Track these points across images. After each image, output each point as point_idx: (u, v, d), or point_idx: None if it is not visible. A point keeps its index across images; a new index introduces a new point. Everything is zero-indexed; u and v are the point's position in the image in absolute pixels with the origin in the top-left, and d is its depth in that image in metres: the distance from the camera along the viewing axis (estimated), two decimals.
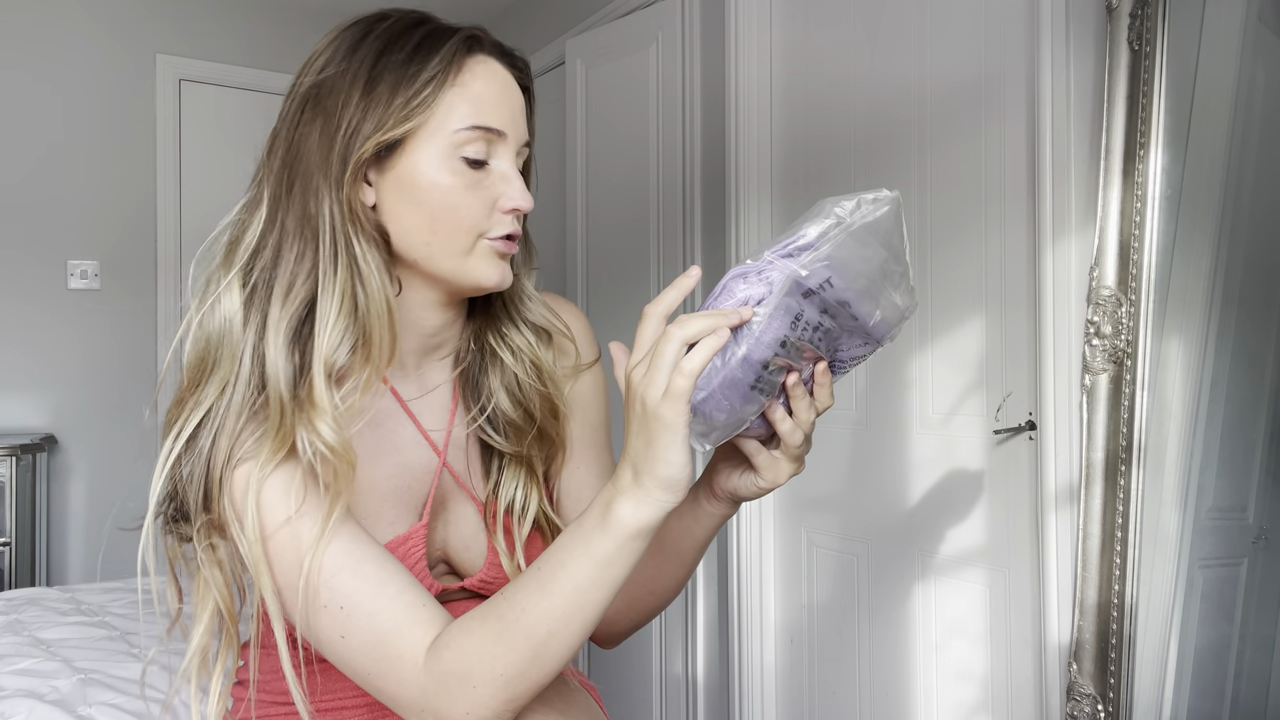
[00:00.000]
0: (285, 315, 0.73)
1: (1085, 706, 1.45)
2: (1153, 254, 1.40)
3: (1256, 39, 1.51)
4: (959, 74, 1.72)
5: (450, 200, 0.74)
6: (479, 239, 0.76)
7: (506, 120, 0.77)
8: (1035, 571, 1.57)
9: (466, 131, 0.74)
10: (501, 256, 0.78)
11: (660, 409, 0.61)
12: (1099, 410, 1.45)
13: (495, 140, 0.76)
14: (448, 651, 0.67)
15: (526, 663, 0.65)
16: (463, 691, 0.66)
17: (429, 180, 0.74)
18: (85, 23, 3.02)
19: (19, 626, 1.49)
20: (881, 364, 1.89)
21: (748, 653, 2.17)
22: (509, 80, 0.79)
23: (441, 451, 0.85)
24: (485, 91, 0.76)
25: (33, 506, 2.68)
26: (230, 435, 0.72)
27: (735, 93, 2.18)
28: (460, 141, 0.74)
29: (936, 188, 1.77)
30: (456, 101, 0.74)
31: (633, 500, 0.63)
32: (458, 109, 0.74)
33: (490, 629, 0.66)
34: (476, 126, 0.75)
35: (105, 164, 3.04)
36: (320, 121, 0.74)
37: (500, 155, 0.77)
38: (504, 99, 0.77)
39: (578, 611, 0.65)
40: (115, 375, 3.04)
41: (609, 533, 0.64)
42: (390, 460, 0.83)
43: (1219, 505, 1.55)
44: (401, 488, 0.83)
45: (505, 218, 0.77)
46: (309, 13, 3.33)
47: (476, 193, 0.75)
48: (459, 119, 0.74)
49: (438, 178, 0.74)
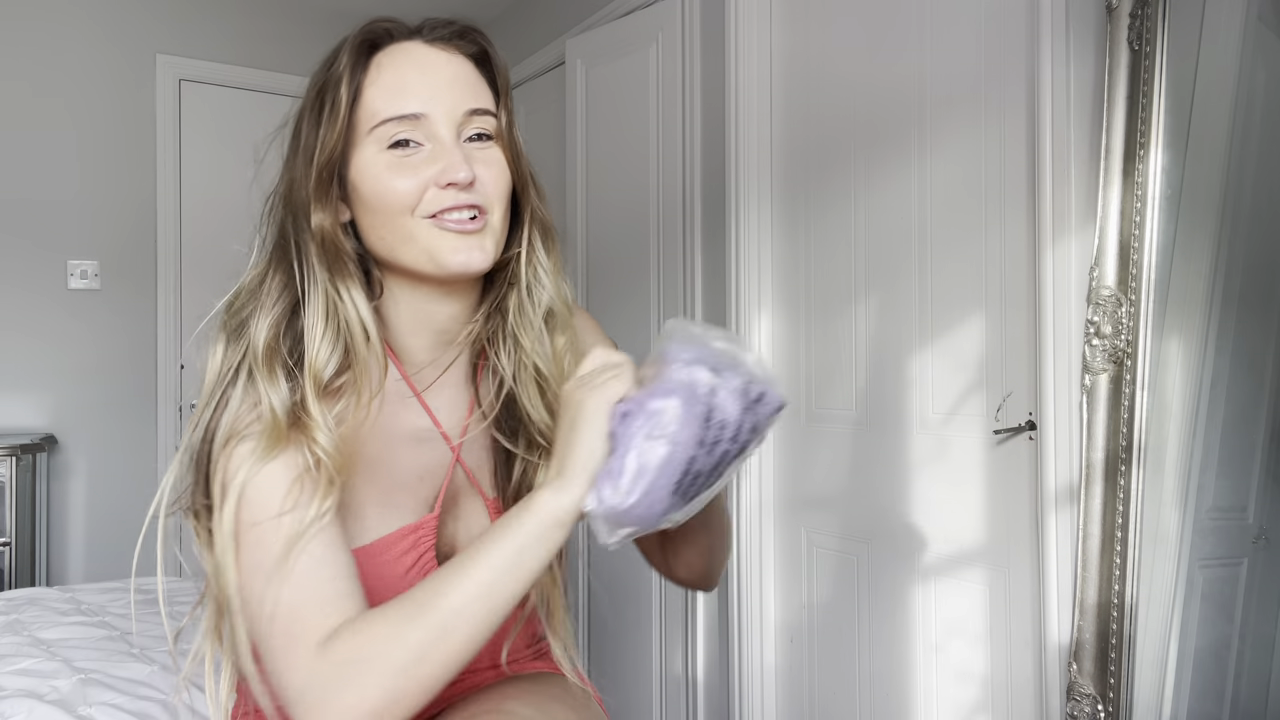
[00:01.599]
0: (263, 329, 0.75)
1: (1085, 706, 1.45)
2: (1153, 254, 1.40)
3: (1256, 39, 1.51)
4: (959, 74, 1.72)
5: (380, 188, 0.75)
6: (417, 219, 0.75)
7: (425, 100, 0.76)
8: (1035, 571, 1.57)
9: (382, 126, 0.75)
10: (460, 234, 0.76)
11: (587, 404, 0.67)
12: (1099, 410, 1.45)
13: (417, 124, 0.75)
14: (348, 634, 0.66)
15: (429, 644, 0.64)
16: (352, 679, 0.64)
17: (366, 176, 0.76)
18: (85, 23, 3.02)
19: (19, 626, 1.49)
20: (881, 364, 1.89)
21: (748, 653, 2.17)
22: (428, 55, 0.78)
23: (456, 446, 0.85)
24: (394, 79, 0.76)
25: (33, 506, 2.68)
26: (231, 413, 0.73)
27: (735, 93, 2.18)
28: (382, 137, 0.75)
29: (936, 187, 1.77)
30: (372, 99, 0.76)
31: (553, 489, 0.67)
32: (373, 106, 0.76)
33: (402, 610, 0.66)
34: (389, 118, 0.75)
35: (105, 164, 3.04)
36: (292, 154, 0.79)
37: (432, 136, 0.76)
38: (420, 78, 0.76)
39: (488, 594, 0.66)
40: (115, 375, 3.04)
41: (529, 519, 0.66)
42: (405, 450, 0.83)
43: (1219, 505, 1.55)
44: (413, 478, 0.83)
45: (442, 194, 0.75)
46: (309, 13, 3.33)
47: (410, 174, 0.75)
48: (374, 115, 0.76)
49: (370, 171, 0.76)
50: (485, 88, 0.80)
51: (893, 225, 1.86)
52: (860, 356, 1.95)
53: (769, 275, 2.16)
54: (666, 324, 0.70)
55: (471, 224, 0.76)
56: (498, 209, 0.78)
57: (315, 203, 0.76)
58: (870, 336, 1.92)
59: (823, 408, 2.04)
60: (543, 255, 0.85)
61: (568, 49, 2.74)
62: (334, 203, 0.77)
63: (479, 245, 0.77)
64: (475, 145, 0.78)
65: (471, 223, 0.76)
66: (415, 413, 0.84)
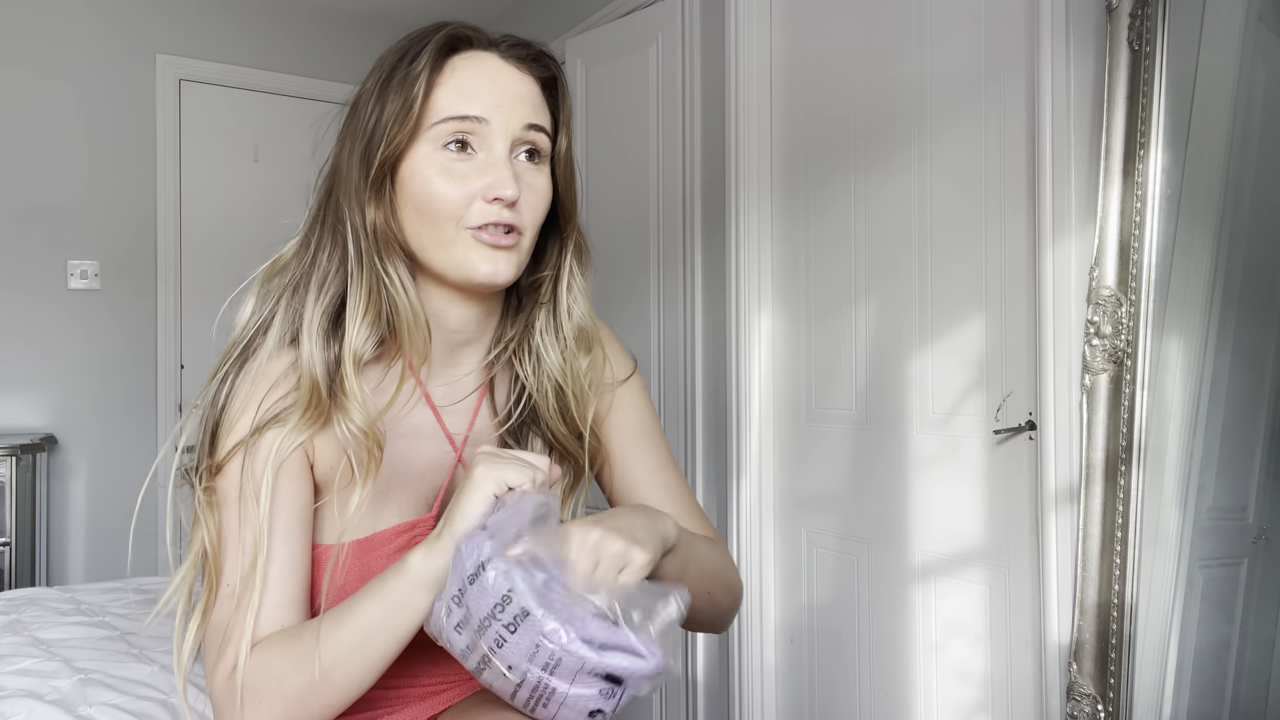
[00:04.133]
0: (319, 308, 0.78)
1: (1085, 706, 1.45)
2: (1153, 254, 1.40)
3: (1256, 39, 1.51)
4: (959, 74, 1.72)
5: (429, 190, 0.76)
6: (461, 229, 0.76)
7: (490, 107, 0.77)
8: (1035, 571, 1.57)
9: (444, 124, 0.76)
10: (493, 248, 0.77)
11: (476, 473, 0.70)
12: (1099, 410, 1.45)
13: (478, 128, 0.76)
14: (251, 662, 0.72)
15: (309, 689, 0.70)
16: (251, 705, 0.71)
17: (418, 175, 0.77)
18: (85, 23, 3.02)
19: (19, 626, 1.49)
20: (881, 364, 1.90)
21: (748, 653, 2.17)
22: (501, 69, 0.79)
23: (459, 448, 0.85)
24: (465, 83, 0.77)
25: (33, 506, 2.68)
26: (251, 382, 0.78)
27: (735, 93, 2.18)
28: (441, 134, 0.76)
29: (936, 187, 1.77)
30: (439, 97, 0.77)
31: (424, 552, 0.70)
32: (438, 104, 0.77)
33: (290, 649, 0.72)
34: (452, 117, 0.76)
35: (105, 164, 3.04)
36: (349, 135, 0.80)
37: (487, 145, 0.77)
38: (489, 87, 0.77)
39: (362, 648, 0.70)
40: (115, 375, 3.04)
41: (400, 578, 0.70)
42: (405, 445, 0.84)
43: (1219, 505, 1.55)
44: (413, 474, 0.84)
45: (488, 207, 0.76)
46: (309, 13, 3.33)
47: (459, 183, 0.76)
48: (437, 113, 0.76)
49: (423, 171, 0.77)
50: (547, 111, 0.83)
51: (893, 225, 1.86)
52: (860, 356, 1.95)
53: (769, 275, 2.16)
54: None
55: (506, 238, 0.77)
56: (529, 232, 0.80)
57: (371, 192, 0.78)
58: (870, 336, 1.92)
59: (823, 408, 2.04)
60: (579, 279, 0.89)
61: (568, 49, 2.74)
62: (387, 194, 0.79)
63: (507, 260, 0.78)
64: (525, 165, 0.80)
65: (506, 237, 0.77)
66: (421, 410, 0.85)
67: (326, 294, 0.79)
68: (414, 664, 0.83)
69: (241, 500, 0.76)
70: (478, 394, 0.88)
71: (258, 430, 0.76)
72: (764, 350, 2.16)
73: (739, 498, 2.18)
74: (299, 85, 3.26)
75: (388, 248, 0.79)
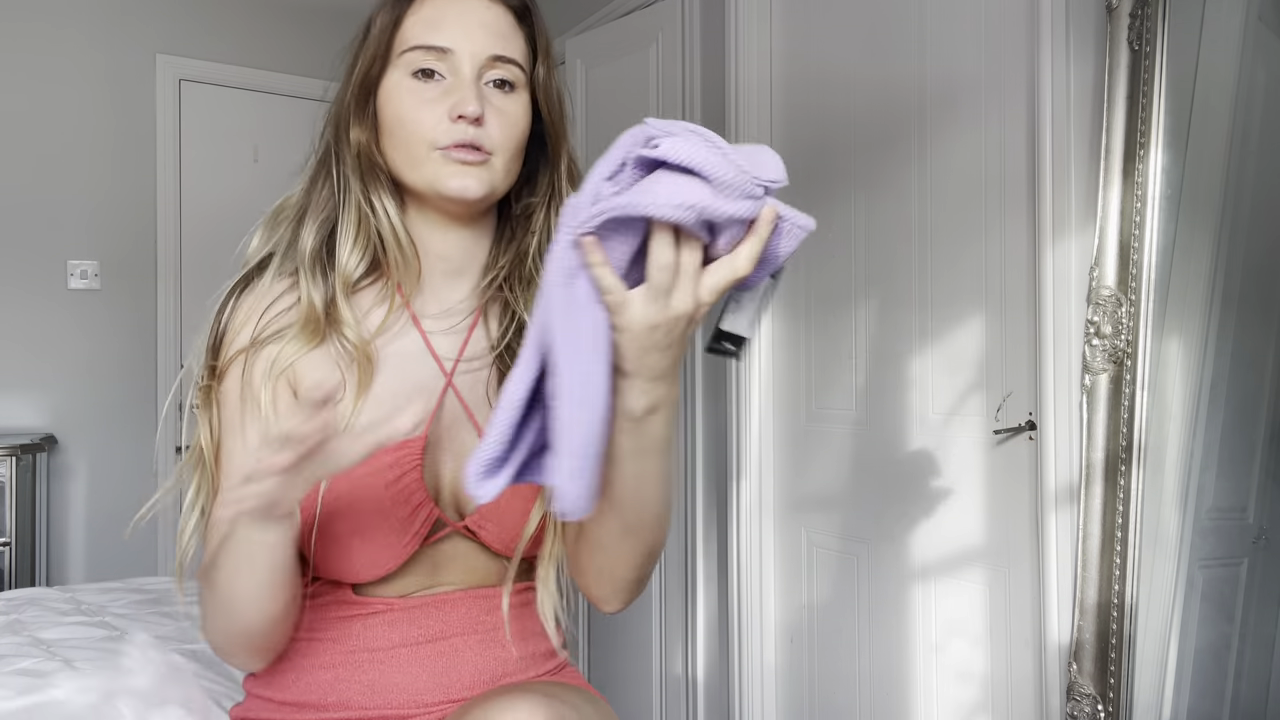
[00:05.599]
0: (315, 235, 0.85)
1: (1085, 706, 1.45)
2: (1153, 254, 1.40)
3: (1256, 39, 1.51)
4: (959, 74, 1.72)
5: (399, 114, 0.81)
6: (431, 149, 0.80)
7: (458, 36, 0.80)
8: (1035, 571, 1.57)
9: (411, 52, 0.81)
10: (461, 164, 0.80)
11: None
12: (1099, 410, 1.45)
13: (444, 56, 0.80)
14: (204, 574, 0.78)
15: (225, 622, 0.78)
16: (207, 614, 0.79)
17: (390, 100, 0.82)
18: (85, 23, 3.01)
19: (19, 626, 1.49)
20: (881, 364, 1.89)
21: (748, 653, 2.17)
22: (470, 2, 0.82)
23: (449, 372, 0.85)
24: (433, 13, 0.82)
25: (33, 506, 2.68)
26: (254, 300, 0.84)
27: (735, 93, 2.18)
28: (410, 62, 0.81)
29: (936, 188, 1.77)
30: (408, 26, 0.82)
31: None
32: (407, 33, 0.81)
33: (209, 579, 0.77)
34: (417, 46, 0.80)
35: (105, 164, 3.04)
36: (343, 69, 0.86)
37: (454, 71, 0.80)
38: (457, 17, 0.81)
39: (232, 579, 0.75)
40: (115, 375, 3.04)
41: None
42: (393, 366, 0.84)
43: (1219, 505, 1.55)
44: (401, 395, 0.82)
45: (453, 126, 0.79)
46: (309, 13, 3.32)
47: (428, 107, 0.80)
48: (404, 41, 0.81)
49: (394, 96, 0.82)
50: (520, 40, 0.84)
51: (893, 225, 1.86)
52: (860, 356, 1.95)
53: None
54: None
55: (473, 155, 0.80)
56: (501, 155, 0.82)
57: (354, 118, 0.83)
58: (870, 336, 1.92)
59: (823, 408, 2.04)
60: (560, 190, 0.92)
61: (568, 49, 2.74)
62: (370, 119, 0.84)
63: (476, 176, 0.81)
64: (495, 92, 0.82)
65: (474, 154, 0.80)
66: (410, 333, 0.86)
67: (321, 221, 0.85)
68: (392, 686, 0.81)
69: (243, 404, 0.81)
70: (470, 319, 0.88)
71: (257, 343, 0.81)
72: (764, 350, 2.16)
73: (739, 498, 2.18)
74: (299, 85, 3.25)
75: (372, 173, 0.84)
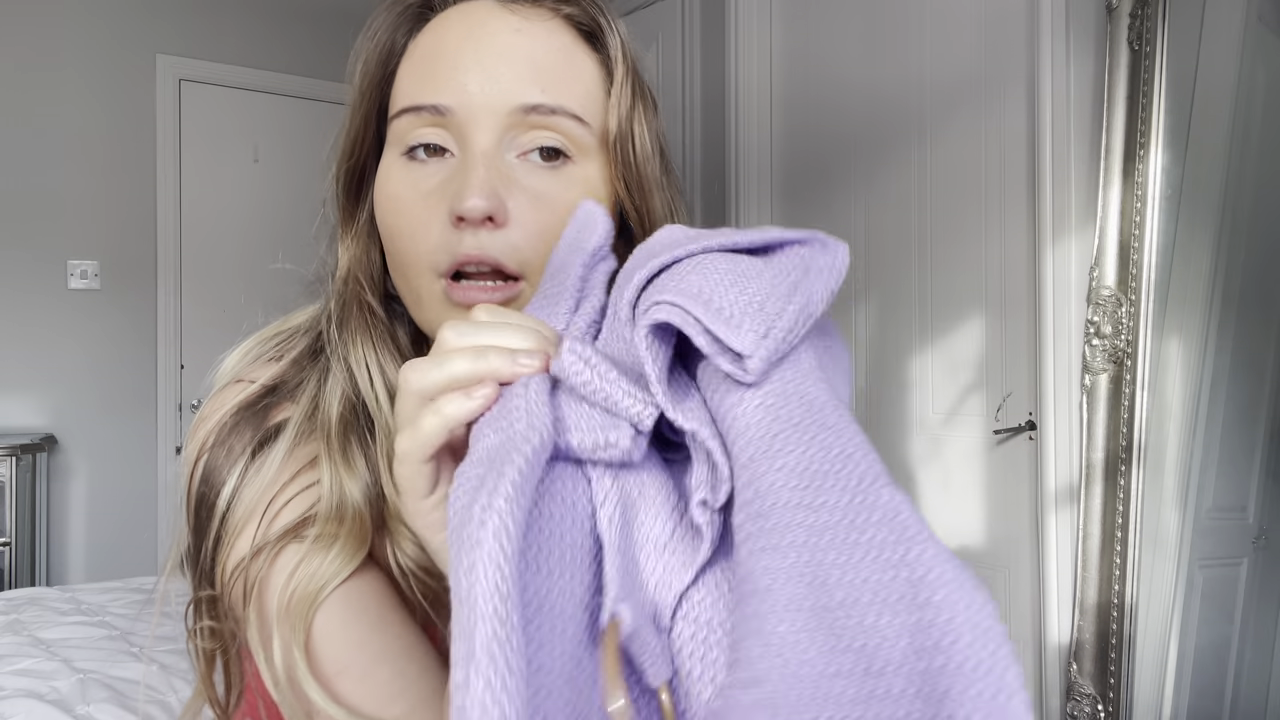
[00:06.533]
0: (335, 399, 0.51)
1: (1085, 706, 1.45)
2: (1153, 254, 1.40)
3: (1256, 39, 1.51)
4: (959, 73, 1.72)
5: (385, 220, 0.51)
6: (434, 278, 0.49)
7: (461, 85, 0.48)
8: (1035, 571, 1.57)
9: (399, 119, 0.50)
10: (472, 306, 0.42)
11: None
12: (1099, 410, 1.45)
13: (442, 121, 0.48)
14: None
15: None
16: None
17: (381, 193, 0.51)
18: (85, 23, 3.02)
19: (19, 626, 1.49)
20: (881, 364, 1.89)
21: None
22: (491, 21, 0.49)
23: None
24: (430, 50, 0.49)
25: (33, 506, 2.68)
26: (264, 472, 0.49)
27: (735, 93, 2.18)
28: (399, 135, 0.50)
29: (936, 187, 1.77)
30: (401, 78, 0.51)
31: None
32: (400, 87, 0.50)
33: None
34: (404, 110, 0.49)
35: (105, 164, 3.04)
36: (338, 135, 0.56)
37: (462, 140, 0.48)
38: (465, 54, 0.48)
39: None
40: (115, 375, 3.04)
41: None
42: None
43: (1219, 505, 1.55)
44: None
45: (455, 237, 0.47)
46: (309, 13, 3.33)
47: (425, 206, 0.49)
48: (394, 103, 0.51)
49: (382, 191, 0.51)
50: (583, 72, 0.50)
51: (893, 225, 1.86)
52: (860, 357, 1.95)
53: None
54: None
55: (490, 289, 0.49)
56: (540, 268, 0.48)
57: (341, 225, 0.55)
58: (870, 337, 1.92)
59: None
60: None
61: None
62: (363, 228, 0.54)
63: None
64: (536, 168, 0.49)
65: (490, 288, 0.49)
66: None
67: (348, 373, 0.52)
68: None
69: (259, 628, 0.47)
70: None
71: (265, 548, 0.47)
72: None
73: None
74: (299, 85, 3.25)
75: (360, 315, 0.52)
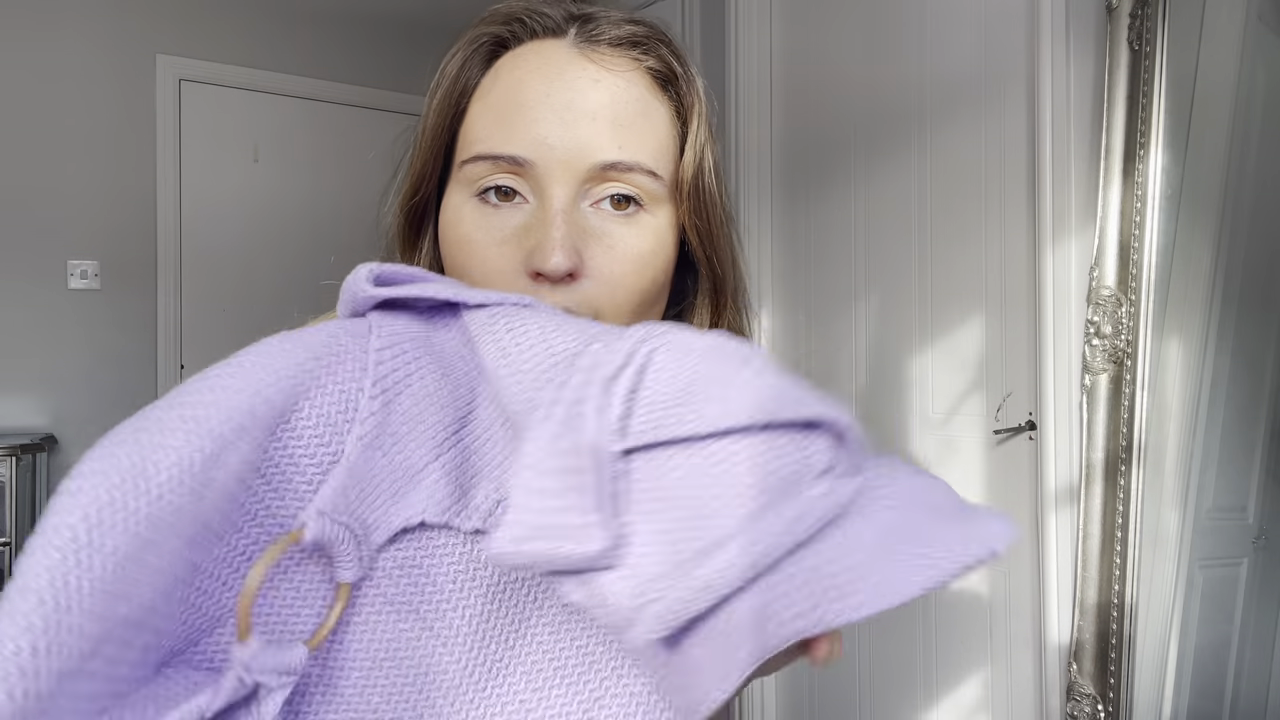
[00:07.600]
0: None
1: (1085, 706, 1.45)
2: (1153, 254, 1.40)
3: (1256, 39, 1.51)
4: (959, 73, 1.72)
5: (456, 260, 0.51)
6: None
7: (538, 138, 0.49)
8: (1035, 571, 1.57)
9: (471, 164, 0.50)
10: None
11: None
12: (1099, 410, 1.45)
13: (520, 171, 0.49)
14: None
15: None
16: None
17: (447, 235, 0.52)
18: (85, 23, 3.02)
19: None
20: (881, 364, 1.89)
21: None
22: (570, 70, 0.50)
23: None
24: (505, 98, 0.50)
25: (33, 506, 2.68)
26: None
27: (735, 92, 2.18)
28: (470, 178, 0.50)
29: (936, 187, 1.77)
30: (473, 119, 0.51)
31: None
32: (470, 130, 0.51)
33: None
34: (480, 156, 0.50)
35: (106, 164, 3.04)
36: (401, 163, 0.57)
37: (539, 190, 0.49)
38: (541, 104, 0.49)
39: None
40: (115, 375, 3.04)
41: None
42: None
43: (1219, 505, 1.55)
44: None
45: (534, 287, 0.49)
46: (309, 13, 3.32)
47: (499, 251, 0.49)
48: (465, 145, 0.51)
49: (453, 231, 0.51)
50: (657, 123, 0.52)
51: (893, 225, 1.86)
52: (860, 356, 1.95)
53: (769, 275, 2.16)
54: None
55: None
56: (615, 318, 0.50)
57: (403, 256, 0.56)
58: (870, 336, 1.92)
59: None
60: None
61: None
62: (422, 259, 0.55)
63: None
64: (610, 215, 0.51)
65: None
66: None
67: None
68: None
69: None
70: None
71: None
72: (763, 350, 2.16)
73: None
74: (299, 85, 3.25)
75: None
